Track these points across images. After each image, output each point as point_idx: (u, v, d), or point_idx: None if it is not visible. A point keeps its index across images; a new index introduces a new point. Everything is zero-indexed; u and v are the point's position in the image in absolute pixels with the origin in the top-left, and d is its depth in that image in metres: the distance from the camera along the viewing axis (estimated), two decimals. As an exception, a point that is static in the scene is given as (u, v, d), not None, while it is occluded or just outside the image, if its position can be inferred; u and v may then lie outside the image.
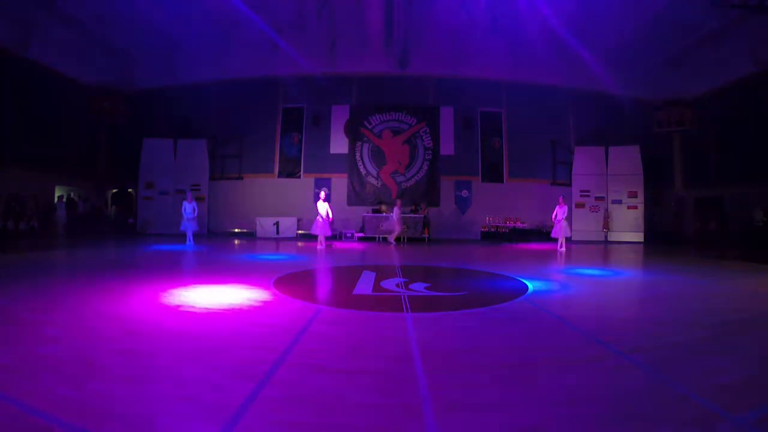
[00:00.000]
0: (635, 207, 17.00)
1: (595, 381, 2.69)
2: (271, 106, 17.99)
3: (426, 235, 16.16)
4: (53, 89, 15.51)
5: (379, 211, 16.56)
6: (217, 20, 15.55)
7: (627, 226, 16.98)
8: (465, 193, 17.86)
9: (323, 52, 16.95)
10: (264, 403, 2.28)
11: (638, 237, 16.80)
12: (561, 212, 12.13)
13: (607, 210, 17.19)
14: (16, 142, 14.37)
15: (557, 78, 17.16)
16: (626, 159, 17.10)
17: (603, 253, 12.39)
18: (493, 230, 17.04)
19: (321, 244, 12.14)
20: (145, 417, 2.11)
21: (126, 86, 17.69)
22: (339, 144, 17.86)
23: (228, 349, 3.19)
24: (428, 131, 17.82)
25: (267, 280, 6.23)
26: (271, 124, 17.96)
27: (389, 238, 14.74)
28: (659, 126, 17.24)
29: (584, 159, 17.46)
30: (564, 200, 12.41)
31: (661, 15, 13.57)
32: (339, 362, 2.96)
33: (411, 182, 17.79)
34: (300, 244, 13.88)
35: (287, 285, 6.01)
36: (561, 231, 12.12)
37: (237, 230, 17.74)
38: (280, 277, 6.60)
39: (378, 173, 17.77)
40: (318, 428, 2.07)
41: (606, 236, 17.05)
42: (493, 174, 17.98)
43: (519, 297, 5.36)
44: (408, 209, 16.47)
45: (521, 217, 17.29)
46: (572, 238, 15.27)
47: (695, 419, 2.18)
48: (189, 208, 12.34)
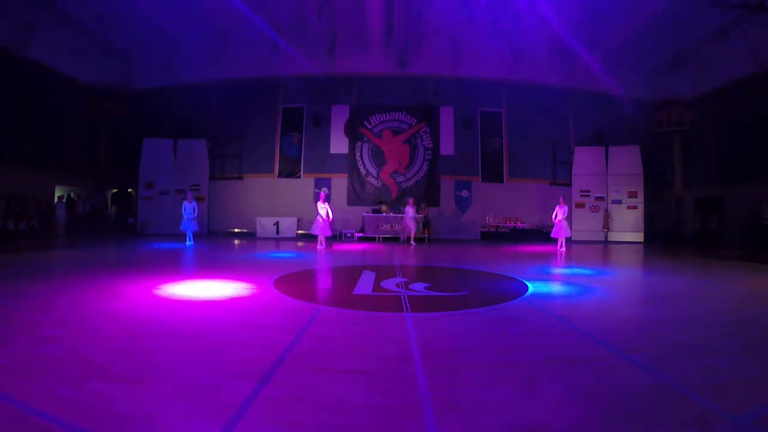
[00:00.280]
0: (635, 207, 16.99)
1: (595, 381, 2.69)
2: (271, 106, 17.98)
3: (426, 235, 16.16)
4: (53, 89, 15.52)
5: (379, 211, 16.57)
6: (217, 20, 15.57)
7: (627, 226, 16.97)
8: (465, 193, 17.85)
9: (323, 52, 16.98)
10: (264, 403, 2.28)
11: (638, 237, 16.79)
12: (561, 212, 12.13)
13: (607, 210, 17.18)
14: (16, 142, 14.39)
15: (557, 78, 17.17)
16: (626, 159, 17.08)
17: (603, 254, 12.38)
18: (493, 230, 17.04)
19: (321, 245, 12.14)
20: (146, 417, 2.12)
21: (126, 86, 17.71)
22: (339, 144, 17.85)
23: (228, 349, 3.19)
24: (428, 131, 17.81)
25: (267, 280, 6.23)
26: (271, 124, 17.94)
27: (410, 239, 14.58)
28: (659, 126, 17.22)
29: (584, 159, 17.44)
30: (564, 200, 12.40)
31: (661, 15, 13.53)
32: (339, 362, 2.96)
33: (411, 182, 17.79)
34: (300, 244, 13.88)
35: (287, 285, 6.01)
36: (561, 231, 12.11)
37: (237, 230, 17.74)
38: (280, 277, 6.60)
39: (378, 173, 17.76)
40: (318, 428, 2.07)
41: (606, 236, 17.04)
42: (493, 174, 17.96)
43: (519, 297, 5.36)
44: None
45: (521, 217, 17.29)
46: (572, 238, 15.25)
47: (695, 419, 2.18)
48: (189, 208, 12.36)
